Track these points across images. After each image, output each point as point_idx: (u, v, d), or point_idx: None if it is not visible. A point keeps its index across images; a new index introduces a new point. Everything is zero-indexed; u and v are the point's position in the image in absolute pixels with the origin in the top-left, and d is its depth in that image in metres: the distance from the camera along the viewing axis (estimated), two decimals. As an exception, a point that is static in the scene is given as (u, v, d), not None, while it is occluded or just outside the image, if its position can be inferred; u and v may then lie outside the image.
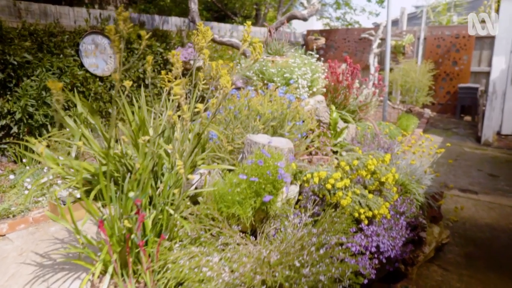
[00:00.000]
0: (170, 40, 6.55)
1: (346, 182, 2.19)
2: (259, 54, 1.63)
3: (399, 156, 3.48)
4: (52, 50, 4.80)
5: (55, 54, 4.84)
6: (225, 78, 1.62)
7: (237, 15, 11.88)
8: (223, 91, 1.63)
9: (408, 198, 2.78)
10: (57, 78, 4.77)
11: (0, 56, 4.28)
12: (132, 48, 5.76)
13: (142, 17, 6.31)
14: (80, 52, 5.15)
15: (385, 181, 2.28)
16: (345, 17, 12.51)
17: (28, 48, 4.57)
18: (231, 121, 2.54)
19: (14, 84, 4.45)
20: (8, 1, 4.58)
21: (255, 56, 1.62)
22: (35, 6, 4.81)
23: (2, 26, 4.42)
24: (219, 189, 1.87)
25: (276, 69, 3.30)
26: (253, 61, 1.64)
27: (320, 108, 3.47)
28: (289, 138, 2.60)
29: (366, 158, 2.30)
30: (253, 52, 1.62)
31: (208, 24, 7.87)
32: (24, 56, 4.49)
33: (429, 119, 8.55)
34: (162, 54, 6.28)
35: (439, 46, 8.90)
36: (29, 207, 3.52)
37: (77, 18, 5.26)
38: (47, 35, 4.79)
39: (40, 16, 4.86)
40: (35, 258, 2.83)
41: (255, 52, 1.61)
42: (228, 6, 11.81)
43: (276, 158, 1.92)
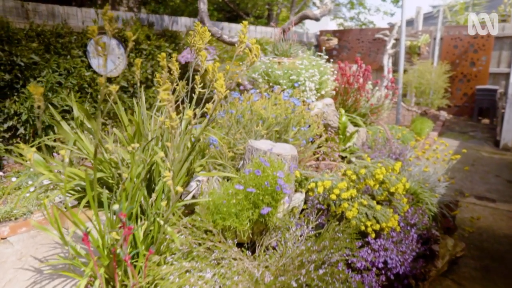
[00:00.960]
0: (179, 41, 6.48)
1: (352, 193, 2.05)
2: (256, 57, 1.51)
3: (411, 163, 3.31)
4: (59, 51, 4.78)
5: (62, 55, 4.81)
6: (219, 82, 1.51)
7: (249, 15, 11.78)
8: (217, 96, 1.51)
9: (420, 208, 2.62)
10: (64, 79, 4.74)
11: (7, 57, 4.26)
12: (140, 49, 5.71)
13: (151, 18, 6.25)
14: (88, 53, 5.11)
15: (394, 191, 2.13)
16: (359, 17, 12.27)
17: (35, 49, 4.55)
18: (233, 126, 2.43)
19: (21, 85, 4.44)
20: (16, 2, 4.57)
21: (252, 59, 1.51)
22: (43, 7, 4.79)
23: (9, 27, 4.41)
24: (214, 199, 1.76)
25: (282, 71, 3.17)
26: (249, 63, 1.52)
27: (328, 112, 3.33)
28: (293, 144, 2.47)
29: (374, 166, 2.16)
30: (249, 54, 1.51)
31: (218, 25, 7.78)
32: (31, 57, 4.47)
33: (445, 122, 8.29)
34: (171, 55, 6.21)
35: (456, 47, 8.62)
36: (31, 209, 3.47)
37: (85, 19, 5.23)
38: (54, 36, 4.77)
39: (48, 17, 4.84)
40: (34, 264, 2.78)
41: (251, 54, 1.50)
42: (240, 6, 11.72)
43: (276, 167, 1.80)
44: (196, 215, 1.76)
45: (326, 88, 3.39)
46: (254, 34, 8.71)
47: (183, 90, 2.18)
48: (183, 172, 1.90)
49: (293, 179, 2.32)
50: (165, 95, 1.31)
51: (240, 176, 1.82)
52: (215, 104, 1.57)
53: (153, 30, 5.99)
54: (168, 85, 1.35)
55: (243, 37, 1.52)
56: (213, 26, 5.94)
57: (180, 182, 1.88)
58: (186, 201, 1.83)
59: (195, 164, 2.27)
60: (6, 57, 4.24)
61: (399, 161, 3.31)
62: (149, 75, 5.88)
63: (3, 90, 4.35)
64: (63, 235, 1.70)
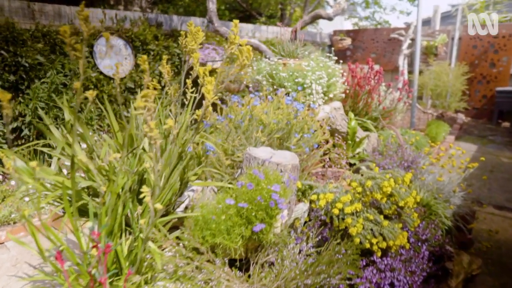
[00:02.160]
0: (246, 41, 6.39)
1: (357, 207, 1.88)
2: (247, 59, 1.37)
3: (424, 171, 3.11)
4: (65, 51, 4.72)
5: (68, 56, 4.76)
6: (207, 87, 1.37)
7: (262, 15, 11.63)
8: (205, 103, 1.38)
9: (433, 222, 2.43)
10: (69, 80, 4.69)
11: (12, 58, 4.22)
12: (147, 49, 5.63)
13: (159, 18, 6.17)
14: (94, 53, 5.05)
15: (404, 205, 1.96)
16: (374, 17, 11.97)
17: (40, 50, 4.50)
18: (231, 132, 2.29)
19: (26, 86, 4.40)
20: (22, 3, 4.53)
21: (242, 62, 1.36)
22: (49, 7, 4.74)
23: (15, 27, 4.37)
24: (204, 213, 1.62)
25: (287, 73, 3.02)
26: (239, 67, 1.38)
27: (336, 116, 3.16)
28: (296, 152, 2.32)
29: (382, 178, 1.99)
30: (239, 56, 1.36)
31: (228, 25, 7.66)
32: (36, 58, 4.43)
33: (463, 125, 7.97)
34: (179, 55, 6.12)
35: (475, 47, 8.29)
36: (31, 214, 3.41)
37: (92, 19, 5.16)
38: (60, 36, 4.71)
39: (54, 17, 4.79)
40: (28, 271, 2.70)
41: (241, 57, 1.35)
42: (253, 6, 11.57)
43: (272, 180, 1.65)
44: (183, 231, 1.63)
45: (334, 91, 3.21)
46: (266, 34, 8.55)
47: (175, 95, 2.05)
48: (172, 182, 1.76)
49: (294, 191, 2.16)
50: (141, 102, 1.17)
51: (232, 188, 1.68)
52: (203, 110, 1.43)
53: (161, 30, 5.90)
54: (148, 92, 1.21)
55: (233, 37, 1.37)
56: (222, 26, 5.81)
57: (168, 194, 1.75)
58: (171, 215, 1.70)
59: (190, 173, 2.14)
60: (11, 58, 4.20)
61: (411, 169, 3.11)
62: (157, 76, 5.79)
63: (8, 91, 4.30)
64: (42, 251, 1.58)
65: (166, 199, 1.78)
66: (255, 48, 6.22)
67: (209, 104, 1.37)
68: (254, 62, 3.53)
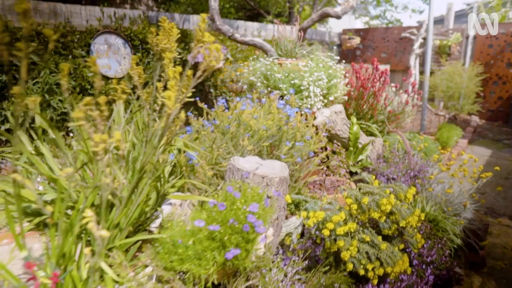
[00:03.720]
0: (190, 40, 6.20)
1: (351, 227, 1.66)
2: (216, 61, 1.17)
3: (433, 181, 2.86)
4: (60, 51, 4.58)
5: (63, 55, 4.62)
6: (168, 93, 1.16)
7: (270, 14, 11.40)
8: (166, 112, 1.17)
9: (440, 240, 2.18)
10: (63, 80, 4.54)
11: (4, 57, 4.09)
12: (147, 49, 5.46)
13: (160, 16, 5.99)
14: (91, 52, 4.90)
15: (405, 226, 1.72)
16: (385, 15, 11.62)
17: (34, 49, 4.36)
18: (216, 139, 2.08)
19: (18, 86, 4.26)
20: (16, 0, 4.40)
21: (209, 63, 1.16)
22: (44, 5, 4.61)
23: (8, 26, 4.25)
24: (172, 235, 1.42)
25: (282, 74, 2.79)
26: (205, 70, 1.17)
27: (337, 120, 2.92)
28: (287, 162, 2.10)
29: (381, 194, 1.75)
30: (206, 57, 1.16)
31: (233, 23, 7.46)
32: (29, 57, 4.29)
33: (477, 128, 7.62)
34: (180, 55, 5.95)
35: (491, 46, 7.92)
36: (15, 220, 3.25)
37: (90, 17, 5.01)
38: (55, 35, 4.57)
39: (50, 15, 4.65)
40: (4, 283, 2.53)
41: (208, 57, 1.15)
42: (261, 4, 11.35)
43: (250, 199, 1.44)
44: (143, 256, 1.43)
45: (335, 93, 2.98)
46: (272, 33, 8.32)
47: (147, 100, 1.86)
48: (142, 197, 1.56)
49: (284, 205, 1.95)
50: (80, 112, 0.97)
51: (203, 207, 1.48)
52: (166, 121, 1.23)
53: (161, 28, 5.73)
54: (89, 99, 1.01)
55: (200, 35, 1.17)
56: (223, 25, 5.60)
57: (135, 211, 1.55)
58: (137, 236, 1.50)
59: (167, 185, 1.94)
60: (2, 57, 4.07)
61: (418, 178, 2.87)
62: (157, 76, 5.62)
63: (1, 91, 4.19)
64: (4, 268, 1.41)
65: (132, 217, 1.58)
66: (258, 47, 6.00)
67: (171, 113, 1.17)
68: (251, 62, 3.32)
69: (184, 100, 1.39)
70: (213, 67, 1.18)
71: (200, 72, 1.21)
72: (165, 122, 1.20)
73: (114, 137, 1.03)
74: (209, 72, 1.20)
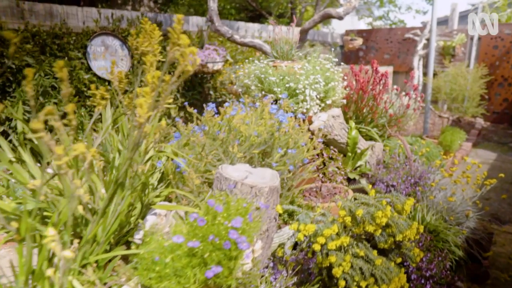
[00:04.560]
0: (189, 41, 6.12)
1: (344, 241, 1.56)
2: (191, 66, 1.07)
3: (434, 188, 2.75)
4: (55, 52, 4.52)
5: (59, 57, 4.55)
6: (141, 101, 1.07)
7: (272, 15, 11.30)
8: (138, 121, 1.08)
9: (441, 252, 2.08)
10: (59, 83, 4.48)
11: (-2, 59, 4.04)
12: (145, 50, 5.38)
13: (159, 17, 5.92)
14: (88, 54, 4.83)
15: (401, 240, 1.62)
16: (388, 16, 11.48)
17: (29, 51, 4.30)
18: (205, 146, 1.99)
19: (13, 89, 4.20)
20: (11, 2, 4.33)
21: (184, 68, 1.07)
22: (40, 7, 4.54)
23: (2, 27, 4.19)
24: (150, 251, 1.33)
25: (277, 77, 2.69)
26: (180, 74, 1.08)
27: (334, 125, 2.82)
28: (279, 170, 2.00)
29: (377, 205, 1.65)
30: (180, 61, 1.06)
31: (233, 24, 7.38)
32: (24, 60, 4.23)
33: (481, 130, 7.48)
34: (179, 57, 5.87)
35: (496, 47, 7.78)
36: (5, 226, 3.18)
37: (86, 19, 4.94)
38: (51, 37, 4.51)
39: (45, 17, 4.59)
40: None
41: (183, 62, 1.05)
42: (262, 5, 11.26)
43: (233, 212, 1.34)
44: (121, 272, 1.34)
45: (333, 96, 2.88)
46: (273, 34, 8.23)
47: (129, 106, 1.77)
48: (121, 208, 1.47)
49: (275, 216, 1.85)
50: (38, 124, 0.88)
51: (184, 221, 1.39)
52: (137, 134, 1.14)
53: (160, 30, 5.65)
54: (50, 109, 0.92)
55: (175, 38, 1.08)
56: (222, 26, 5.52)
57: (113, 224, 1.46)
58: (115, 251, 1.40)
59: (152, 194, 1.85)
60: (-4, 60, 4.01)
61: (419, 186, 2.76)
62: (155, 78, 5.54)
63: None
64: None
65: (111, 230, 1.49)
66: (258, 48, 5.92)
67: (143, 122, 1.08)
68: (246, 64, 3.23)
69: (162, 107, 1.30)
70: (189, 72, 1.09)
71: (175, 78, 1.12)
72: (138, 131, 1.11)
73: (78, 149, 0.94)
74: (185, 77, 1.11)
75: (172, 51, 1.09)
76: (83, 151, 0.95)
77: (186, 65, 1.05)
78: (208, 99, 6.52)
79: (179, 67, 1.07)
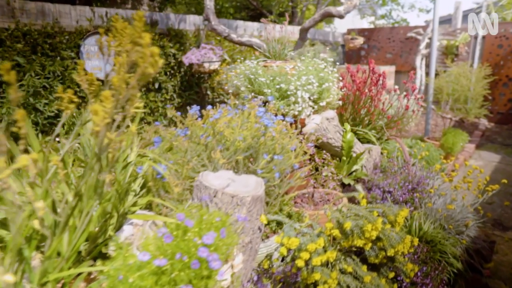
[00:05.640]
0: (185, 41, 6.01)
1: (330, 256, 1.44)
2: (153, 66, 0.96)
3: (433, 195, 2.62)
4: (47, 52, 4.42)
5: (51, 56, 4.46)
6: (96, 107, 0.96)
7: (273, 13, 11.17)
8: (94, 130, 0.97)
9: (438, 265, 1.95)
10: (50, 83, 4.39)
11: (-13, 59, 3.95)
12: (140, 50, 5.27)
13: (155, 16, 5.81)
14: (81, 54, 4.74)
15: (393, 255, 1.50)
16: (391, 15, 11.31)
17: (20, 51, 4.21)
18: (187, 151, 1.88)
19: (2, 89, 4.11)
20: (1, 0, 4.24)
21: (144, 70, 0.95)
22: (32, 5, 4.44)
23: (-9, 27, 4.10)
24: (115, 268, 1.22)
25: (267, 78, 2.57)
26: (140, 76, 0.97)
27: (329, 128, 2.70)
28: (265, 177, 1.88)
29: (368, 216, 1.53)
30: (140, 63, 0.95)
31: (232, 23, 7.26)
32: (14, 59, 4.14)
33: (485, 132, 7.32)
34: (175, 56, 5.77)
35: (501, 46, 7.61)
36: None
37: (80, 18, 4.85)
38: (42, 36, 4.42)
39: (37, 15, 4.49)
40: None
41: (143, 63, 0.94)
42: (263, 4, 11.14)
43: (206, 227, 1.23)
44: None
45: (327, 98, 2.76)
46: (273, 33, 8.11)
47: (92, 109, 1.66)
48: (86, 223, 1.36)
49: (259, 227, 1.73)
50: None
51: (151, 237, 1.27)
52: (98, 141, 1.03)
53: (155, 29, 5.54)
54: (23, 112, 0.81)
55: (136, 36, 0.97)
56: (219, 25, 5.41)
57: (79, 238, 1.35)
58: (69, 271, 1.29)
59: (128, 203, 1.73)
60: (-15, 59, 3.92)
61: (416, 192, 2.63)
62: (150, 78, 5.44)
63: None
64: None
65: (77, 244, 1.38)
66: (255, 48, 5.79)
67: (99, 130, 0.97)
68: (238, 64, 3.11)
69: (130, 113, 1.19)
70: (150, 74, 0.97)
71: (134, 82, 1.00)
72: (96, 140, 1.00)
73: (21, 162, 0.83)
74: (145, 80, 1.00)
75: (134, 52, 0.98)
76: (26, 164, 0.84)
77: (146, 67, 0.94)
78: (206, 99, 6.41)
79: (138, 69, 0.96)
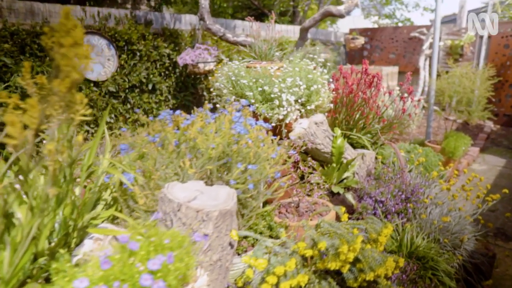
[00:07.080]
0: (180, 41, 5.88)
1: (301, 280, 1.29)
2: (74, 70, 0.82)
3: (428, 205, 2.45)
4: (35, 52, 4.31)
5: (40, 57, 4.35)
6: (10, 117, 0.82)
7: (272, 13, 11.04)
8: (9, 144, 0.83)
9: (429, 285, 1.79)
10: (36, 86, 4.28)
11: (-28, 59, 3.85)
12: (133, 50, 5.16)
13: (149, 15, 5.69)
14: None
15: (372, 279, 1.34)
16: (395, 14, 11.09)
17: (7, 51, 4.11)
18: (157, 160, 1.74)
19: (-12, 90, 4.01)
20: (-12, -1, 4.15)
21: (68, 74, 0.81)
22: (20, 4, 4.34)
23: (-21, 26, 4.01)
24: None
25: (249, 80, 2.42)
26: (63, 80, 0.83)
27: (317, 133, 2.54)
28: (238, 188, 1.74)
29: (346, 235, 1.37)
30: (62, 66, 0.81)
31: (230, 23, 7.12)
32: (1, 60, 4.04)
33: (490, 134, 7.10)
34: (170, 56, 5.64)
35: (507, 46, 7.38)
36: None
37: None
38: (31, 36, 4.31)
39: (26, 15, 4.38)
40: None
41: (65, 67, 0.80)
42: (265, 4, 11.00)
43: (154, 249, 1.09)
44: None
45: (316, 101, 2.60)
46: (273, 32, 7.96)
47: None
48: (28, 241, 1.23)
49: (227, 244, 1.59)
50: None
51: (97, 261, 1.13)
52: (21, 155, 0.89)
53: (149, 28, 5.42)
54: None
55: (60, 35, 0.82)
56: (214, 24, 5.28)
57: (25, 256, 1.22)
58: None
59: (86, 217, 1.60)
60: (-30, 60, 3.82)
61: (410, 202, 2.47)
62: (144, 78, 5.33)
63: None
64: None
65: (20, 264, 1.25)
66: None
67: (17, 143, 0.84)
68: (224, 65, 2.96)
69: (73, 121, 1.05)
70: (77, 79, 0.84)
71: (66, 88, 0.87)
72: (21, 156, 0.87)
73: None
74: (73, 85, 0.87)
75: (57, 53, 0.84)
76: None
77: (70, 71, 0.80)
78: (202, 100, 6.27)
79: (60, 74, 0.82)
